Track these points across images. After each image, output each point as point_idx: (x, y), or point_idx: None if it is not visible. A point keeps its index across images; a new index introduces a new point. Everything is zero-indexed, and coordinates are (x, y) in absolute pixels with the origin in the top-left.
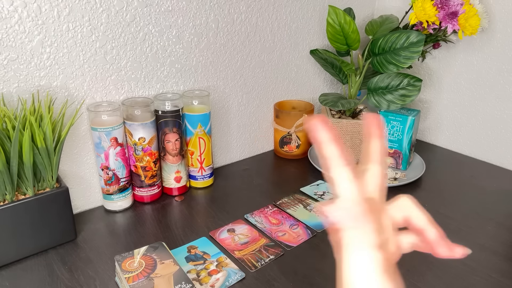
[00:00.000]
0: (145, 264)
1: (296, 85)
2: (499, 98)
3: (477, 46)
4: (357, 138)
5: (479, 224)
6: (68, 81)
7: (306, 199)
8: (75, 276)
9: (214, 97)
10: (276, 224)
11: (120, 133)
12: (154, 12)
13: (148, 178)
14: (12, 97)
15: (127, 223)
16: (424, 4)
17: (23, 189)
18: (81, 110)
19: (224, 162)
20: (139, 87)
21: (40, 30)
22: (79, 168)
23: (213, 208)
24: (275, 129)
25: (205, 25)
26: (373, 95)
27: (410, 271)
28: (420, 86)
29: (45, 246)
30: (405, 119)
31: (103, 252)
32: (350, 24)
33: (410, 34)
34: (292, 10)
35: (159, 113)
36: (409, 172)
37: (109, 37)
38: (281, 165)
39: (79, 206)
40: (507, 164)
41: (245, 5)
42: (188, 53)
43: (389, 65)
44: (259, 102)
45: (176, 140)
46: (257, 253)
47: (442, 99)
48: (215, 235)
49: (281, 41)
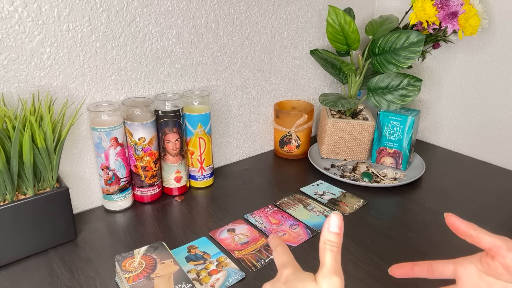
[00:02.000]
0: (145, 264)
1: (296, 85)
2: (499, 98)
3: (477, 46)
4: (357, 138)
5: (479, 224)
6: (68, 81)
7: (306, 199)
8: (75, 276)
9: (214, 97)
10: (276, 224)
11: (120, 133)
12: (154, 12)
13: (148, 178)
14: (12, 97)
15: (127, 223)
16: (424, 4)
17: (23, 189)
18: (81, 110)
19: (224, 162)
20: (139, 87)
21: (40, 30)
22: (79, 168)
23: (213, 208)
24: (275, 129)
25: (205, 25)
26: (373, 95)
27: None
28: (420, 86)
29: (45, 246)
30: (405, 119)
31: (103, 252)
32: (350, 24)
33: (410, 34)
34: (292, 10)
35: (159, 113)
36: (409, 172)
37: (109, 37)
38: (281, 165)
39: (79, 206)
40: (507, 164)
41: (245, 5)
42: (188, 53)
43: (389, 65)
44: (259, 102)
45: (176, 140)
46: (257, 253)
47: (442, 99)
48: (215, 235)
49: (281, 41)
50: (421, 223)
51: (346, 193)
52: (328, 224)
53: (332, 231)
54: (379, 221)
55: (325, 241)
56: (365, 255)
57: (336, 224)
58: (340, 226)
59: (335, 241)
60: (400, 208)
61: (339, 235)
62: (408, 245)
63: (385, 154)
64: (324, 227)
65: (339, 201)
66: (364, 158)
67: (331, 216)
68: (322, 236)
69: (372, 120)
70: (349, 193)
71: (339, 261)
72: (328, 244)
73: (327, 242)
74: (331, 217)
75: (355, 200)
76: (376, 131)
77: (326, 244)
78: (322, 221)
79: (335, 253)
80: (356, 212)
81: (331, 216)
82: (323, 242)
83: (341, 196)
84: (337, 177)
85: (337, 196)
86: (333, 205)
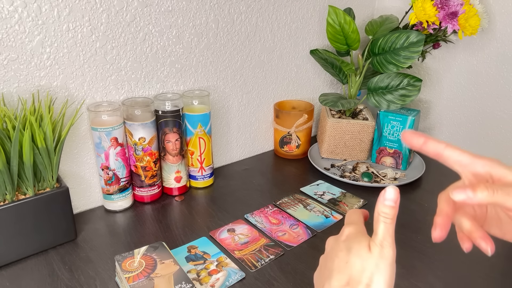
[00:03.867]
0: (145, 264)
1: (296, 85)
2: (499, 98)
3: (477, 46)
4: (357, 138)
5: None
6: (68, 81)
7: (306, 199)
8: (75, 276)
9: (214, 97)
10: (276, 224)
11: (120, 133)
12: (154, 12)
13: (148, 178)
14: (12, 97)
15: (127, 223)
16: (424, 4)
17: (23, 189)
18: (81, 110)
19: (224, 162)
20: (139, 87)
21: (40, 30)
22: (79, 168)
23: (213, 208)
24: (275, 129)
25: (205, 25)
26: (373, 95)
27: (410, 271)
28: (420, 86)
29: (45, 246)
30: (405, 119)
31: (103, 252)
32: (350, 24)
33: (410, 34)
34: (292, 10)
35: (159, 113)
36: (409, 172)
37: (109, 37)
38: (281, 165)
39: (79, 206)
40: (507, 164)
41: (245, 5)
42: (188, 53)
43: (389, 65)
44: (259, 102)
45: (176, 140)
46: (257, 253)
47: (442, 99)
48: (215, 235)
49: (281, 41)
50: (421, 223)
51: (346, 193)
52: (383, 196)
53: (387, 204)
54: None
55: (379, 212)
56: None
57: (391, 198)
58: (396, 199)
59: (389, 213)
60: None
61: (394, 208)
62: (408, 245)
63: (385, 154)
64: (379, 199)
65: (339, 201)
66: (364, 158)
67: (387, 189)
68: (377, 206)
69: (372, 120)
70: (349, 193)
71: (391, 233)
72: (381, 216)
73: (381, 214)
74: (387, 190)
75: (355, 200)
76: (376, 131)
77: (380, 216)
78: (322, 221)
79: (388, 224)
80: None
81: (387, 189)
82: (377, 213)
83: (341, 196)
84: (337, 177)
85: (337, 196)
86: (333, 205)
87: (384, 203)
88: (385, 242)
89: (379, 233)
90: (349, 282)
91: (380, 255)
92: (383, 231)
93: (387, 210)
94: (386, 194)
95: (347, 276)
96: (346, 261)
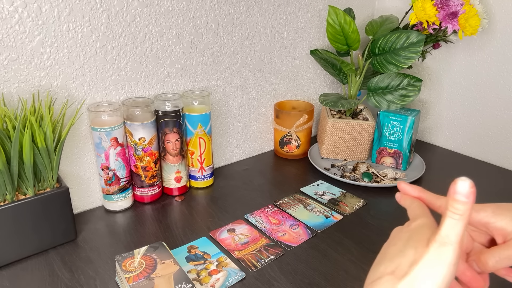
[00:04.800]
0: (146, 264)
1: (296, 85)
2: (499, 98)
3: (477, 46)
4: (357, 138)
5: None
6: (69, 81)
7: (306, 199)
8: (75, 276)
9: (214, 97)
10: (276, 224)
11: (121, 133)
12: (154, 12)
13: (149, 178)
14: (12, 97)
15: (127, 223)
16: (424, 4)
17: (24, 189)
18: (82, 110)
19: (224, 162)
20: (139, 87)
21: (40, 30)
22: (79, 168)
23: (213, 208)
24: (275, 129)
25: (205, 25)
26: (373, 95)
27: None
28: (420, 86)
29: (45, 246)
30: (405, 119)
31: (103, 252)
32: (350, 24)
33: (410, 34)
34: (292, 10)
35: (159, 113)
36: (409, 172)
37: (109, 37)
38: (281, 165)
39: (79, 206)
40: (507, 164)
41: (245, 5)
42: (188, 53)
43: (389, 65)
44: (259, 102)
45: (177, 140)
46: (257, 253)
47: (442, 99)
48: (215, 235)
49: (281, 41)
50: None
51: (346, 193)
52: (454, 189)
53: (457, 199)
54: (379, 221)
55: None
56: (365, 255)
57: (463, 192)
58: (468, 194)
59: (459, 209)
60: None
61: (466, 203)
62: None
63: (385, 154)
64: (449, 191)
65: (339, 201)
66: (364, 158)
67: (458, 182)
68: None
69: (372, 120)
70: (349, 193)
71: (458, 231)
72: (450, 211)
73: (449, 208)
74: (458, 183)
75: (355, 200)
76: (376, 131)
77: (448, 211)
78: (322, 221)
79: (455, 221)
80: (356, 212)
81: (458, 181)
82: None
83: (341, 196)
84: (337, 177)
85: (337, 196)
86: (333, 205)
87: (454, 197)
88: (447, 239)
89: (442, 229)
90: (395, 271)
91: (437, 253)
92: (447, 228)
93: (458, 205)
94: (457, 187)
95: (395, 265)
96: (401, 250)
